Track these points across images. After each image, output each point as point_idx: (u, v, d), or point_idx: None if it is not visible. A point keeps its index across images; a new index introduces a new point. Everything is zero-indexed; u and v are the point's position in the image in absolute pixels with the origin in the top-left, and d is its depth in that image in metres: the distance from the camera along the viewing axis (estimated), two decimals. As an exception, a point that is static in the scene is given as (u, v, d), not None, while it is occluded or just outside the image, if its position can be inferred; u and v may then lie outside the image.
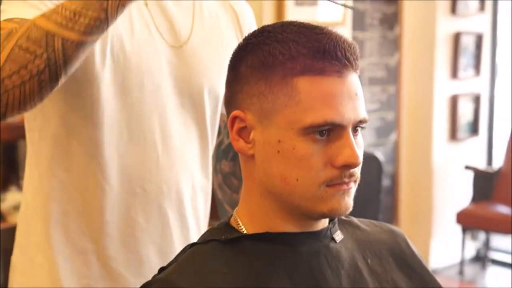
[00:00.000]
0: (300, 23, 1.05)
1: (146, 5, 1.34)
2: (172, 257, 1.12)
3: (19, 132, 1.94)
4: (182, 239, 1.42)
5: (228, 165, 1.59)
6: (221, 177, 1.57)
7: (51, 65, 1.09)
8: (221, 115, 1.48)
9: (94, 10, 1.08)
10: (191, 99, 1.40)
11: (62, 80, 1.12)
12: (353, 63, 1.02)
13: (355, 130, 1.03)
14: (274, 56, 1.01)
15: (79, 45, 1.10)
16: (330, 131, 1.00)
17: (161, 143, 1.36)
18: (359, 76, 1.05)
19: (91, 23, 1.08)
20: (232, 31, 1.48)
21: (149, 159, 1.35)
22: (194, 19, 1.41)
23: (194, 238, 1.41)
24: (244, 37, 1.09)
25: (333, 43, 1.01)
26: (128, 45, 1.30)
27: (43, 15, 1.10)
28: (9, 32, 1.11)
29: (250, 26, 1.51)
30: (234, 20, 1.48)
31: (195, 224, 1.46)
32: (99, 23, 1.09)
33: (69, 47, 1.09)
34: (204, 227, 1.48)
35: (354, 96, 1.02)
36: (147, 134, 1.34)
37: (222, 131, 1.56)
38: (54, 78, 1.10)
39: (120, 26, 1.29)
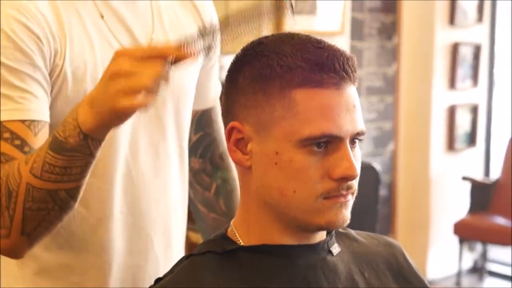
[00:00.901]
0: (298, 34, 1.05)
1: (102, 17, 1.29)
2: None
3: None
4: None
5: (198, 162, 1.55)
6: (191, 175, 1.53)
7: (65, 207, 1.14)
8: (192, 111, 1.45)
9: (81, 160, 1.09)
10: (156, 108, 1.35)
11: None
12: (351, 76, 1.01)
13: (352, 142, 1.02)
14: (272, 68, 1.00)
15: (81, 186, 1.13)
16: (327, 143, 1.00)
17: (131, 160, 1.33)
18: (357, 86, 1.04)
19: (82, 170, 1.11)
20: (194, 27, 1.41)
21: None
22: (153, 22, 1.36)
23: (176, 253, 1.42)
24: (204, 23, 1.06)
25: (331, 55, 1.00)
26: (91, 67, 1.25)
27: (34, 175, 1.11)
28: (8, 193, 1.12)
29: (211, 18, 1.46)
30: (194, 15, 1.43)
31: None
32: (90, 164, 1.11)
33: (74, 192, 1.13)
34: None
35: (352, 108, 1.01)
36: (117, 156, 1.31)
37: (189, 129, 1.50)
38: (70, 209, 1.16)
39: (84, 52, 1.25)
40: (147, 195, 1.36)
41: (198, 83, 1.46)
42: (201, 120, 1.53)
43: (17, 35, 1.17)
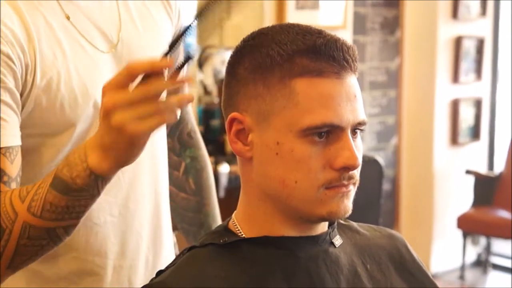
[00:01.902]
0: (298, 25, 1.05)
1: (68, 18, 1.24)
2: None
3: None
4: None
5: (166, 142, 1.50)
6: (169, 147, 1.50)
7: (58, 242, 1.12)
8: None
9: (87, 199, 1.07)
10: None
11: None
12: (352, 65, 1.01)
13: (354, 132, 1.02)
14: (272, 58, 1.00)
15: (78, 223, 1.11)
16: (328, 133, 0.99)
17: None
18: (360, 80, 1.04)
19: (85, 208, 1.09)
20: (164, 14, 1.39)
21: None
22: (120, 16, 1.32)
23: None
24: (176, 15, 1.08)
25: (331, 44, 1.00)
26: (65, 75, 1.22)
27: (33, 214, 1.08)
28: None
29: (184, 12, 1.43)
30: (167, 10, 1.40)
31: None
32: (93, 203, 1.09)
33: (71, 228, 1.11)
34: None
35: (353, 97, 1.01)
36: None
37: None
38: (62, 242, 1.13)
39: (55, 61, 1.21)
40: (136, 193, 1.34)
41: None
42: None
43: None
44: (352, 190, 1.03)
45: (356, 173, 1.02)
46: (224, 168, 3.79)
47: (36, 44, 1.19)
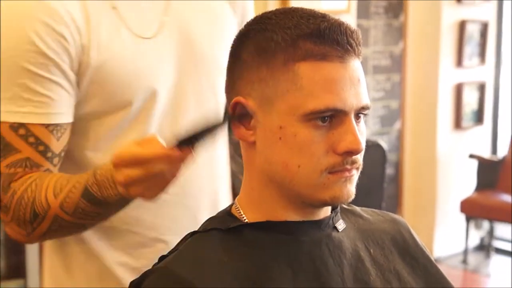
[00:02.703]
0: (302, 9, 1.04)
1: (115, 7, 1.29)
2: None
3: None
4: None
5: None
6: (232, 147, 1.54)
7: (88, 229, 1.27)
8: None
9: (118, 209, 1.20)
10: (201, 80, 1.38)
11: None
12: (355, 49, 1.01)
13: (357, 116, 1.02)
14: (276, 42, 1.00)
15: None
16: (332, 117, 0.99)
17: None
18: (364, 64, 1.03)
19: (118, 213, 1.21)
20: (228, 7, 1.44)
21: None
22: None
23: None
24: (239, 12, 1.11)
25: (335, 28, 0.99)
26: (119, 59, 1.27)
27: (65, 212, 1.18)
28: (33, 214, 1.19)
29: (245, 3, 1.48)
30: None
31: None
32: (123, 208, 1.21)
33: (101, 222, 1.24)
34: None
35: (357, 82, 1.00)
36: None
37: None
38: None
39: (111, 45, 1.26)
40: (196, 175, 1.38)
41: None
42: None
43: (42, 38, 1.19)
44: (355, 174, 1.03)
45: (359, 157, 1.02)
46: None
47: (93, 26, 1.24)
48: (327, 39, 0.98)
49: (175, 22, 1.34)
